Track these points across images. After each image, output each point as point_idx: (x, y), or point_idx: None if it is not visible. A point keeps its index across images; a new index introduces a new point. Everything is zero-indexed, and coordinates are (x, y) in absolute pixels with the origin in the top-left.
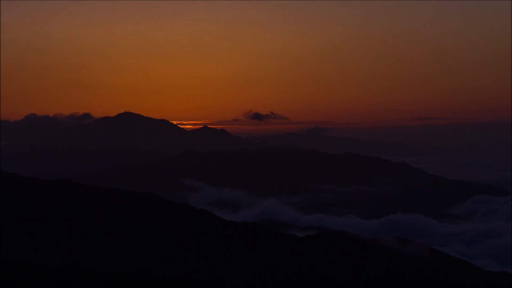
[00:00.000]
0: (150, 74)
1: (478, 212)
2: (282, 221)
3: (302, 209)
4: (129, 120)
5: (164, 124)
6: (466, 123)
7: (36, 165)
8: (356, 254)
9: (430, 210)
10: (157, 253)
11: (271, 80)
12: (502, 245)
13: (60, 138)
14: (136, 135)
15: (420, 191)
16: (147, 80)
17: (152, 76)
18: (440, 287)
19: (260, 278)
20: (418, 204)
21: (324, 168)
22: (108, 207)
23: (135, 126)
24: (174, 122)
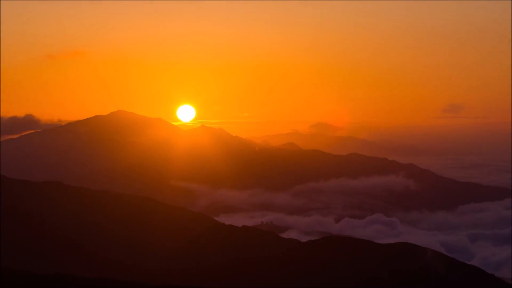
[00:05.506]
0: (143, 70)
1: (482, 214)
2: (283, 225)
3: (304, 211)
4: (122, 119)
5: (159, 123)
6: (483, 122)
7: (24, 166)
8: (360, 258)
9: (433, 211)
10: (152, 259)
11: (272, 77)
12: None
13: (49, 138)
14: (129, 134)
15: (425, 192)
16: (141, 77)
17: (147, 73)
18: None
19: (260, 285)
20: (420, 206)
21: (327, 169)
22: (100, 211)
23: (128, 125)
24: (170, 121)
